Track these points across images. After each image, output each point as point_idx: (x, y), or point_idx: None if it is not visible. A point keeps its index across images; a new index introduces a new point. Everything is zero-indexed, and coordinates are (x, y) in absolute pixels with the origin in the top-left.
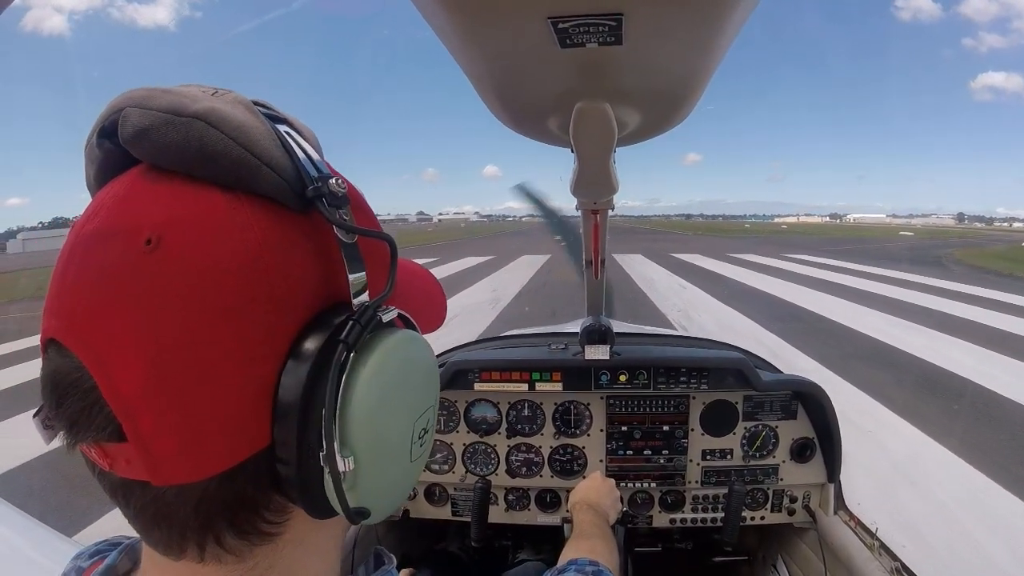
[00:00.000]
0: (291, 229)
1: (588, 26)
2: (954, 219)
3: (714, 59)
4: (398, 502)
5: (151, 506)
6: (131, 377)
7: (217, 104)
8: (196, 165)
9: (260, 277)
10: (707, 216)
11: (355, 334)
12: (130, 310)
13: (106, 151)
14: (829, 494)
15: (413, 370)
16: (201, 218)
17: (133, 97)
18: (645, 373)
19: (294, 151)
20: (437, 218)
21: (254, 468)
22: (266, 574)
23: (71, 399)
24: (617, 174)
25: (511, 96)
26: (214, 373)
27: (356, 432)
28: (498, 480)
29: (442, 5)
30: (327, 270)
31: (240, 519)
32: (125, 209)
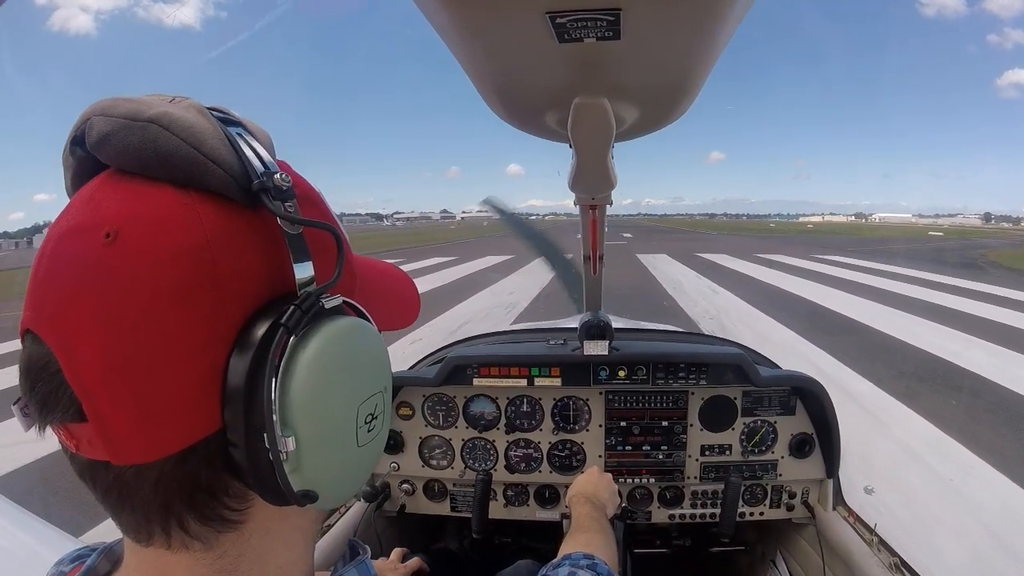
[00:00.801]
0: (239, 223)
1: (586, 21)
2: (981, 219)
3: (712, 54)
4: (350, 488)
5: (114, 487)
6: (90, 360)
7: (170, 109)
8: (152, 165)
9: (209, 268)
10: (730, 215)
11: (295, 319)
12: (90, 298)
13: (78, 158)
14: (828, 490)
15: (356, 355)
16: (156, 213)
17: (98, 107)
18: (644, 369)
19: (241, 149)
20: (461, 216)
21: (206, 450)
22: (235, 563)
23: (41, 383)
24: (615, 169)
25: (509, 91)
26: (166, 357)
27: (297, 414)
28: (497, 476)
29: (440, 0)
30: (274, 262)
31: (198, 502)
32: (89, 208)
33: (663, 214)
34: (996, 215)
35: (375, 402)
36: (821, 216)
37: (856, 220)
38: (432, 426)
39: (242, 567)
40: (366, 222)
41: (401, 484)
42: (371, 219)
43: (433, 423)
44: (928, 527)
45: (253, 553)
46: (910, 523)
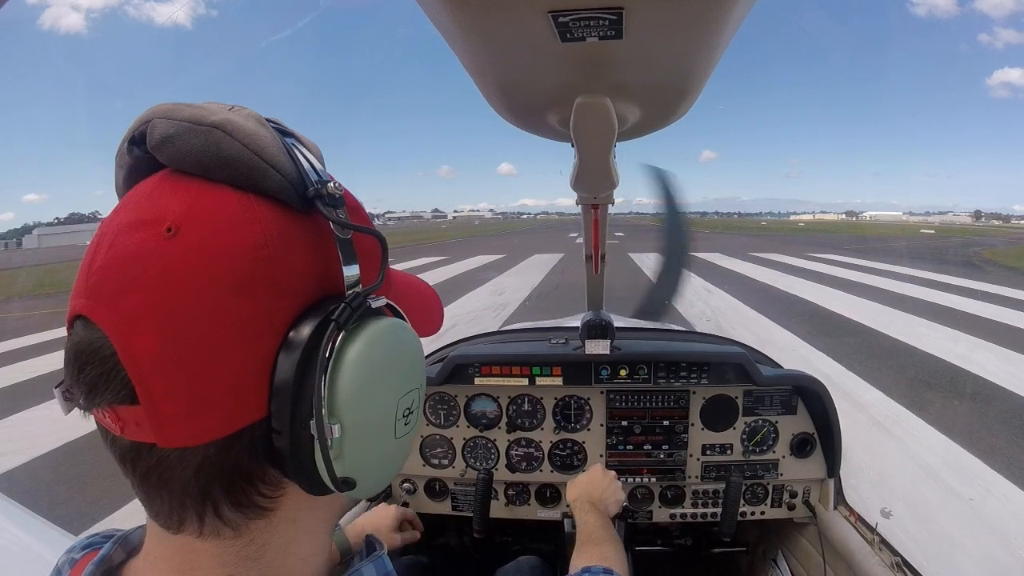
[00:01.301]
0: (294, 225)
1: (588, 20)
2: (971, 217)
3: (714, 54)
4: (385, 478)
5: (155, 470)
6: (147, 345)
7: (232, 116)
8: (213, 168)
9: (264, 264)
10: (722, 214)
11: (346, 315)
12: (150, 287)
13: (135, 157)
14: (829, 489)
15: (398, 352)
16: (216, 212)
17: (160, 110)
18: (645, 368)
19: (298, 158)
20: (452, 215)
21: (250, 438)
22: (261, 551)
23: (91, 366)
24: (617, 169)
25: (511, 90)
26: (220, 347)
27: (343, 403)
28: (498, 475)
29: (444, 1)
30: (325, 263)
31: (236, 489)
32: (150, 204)
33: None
34: (986, 213)
35: (412, 397)
36: (812, 214)
37: (847, 218)
38: (433, 425)
39: (267, 555)
40: None
41: (402, 483)
42: None
43: (434, 422)
44: (952, 554)
45: (278, 542)
46: (933, 548)
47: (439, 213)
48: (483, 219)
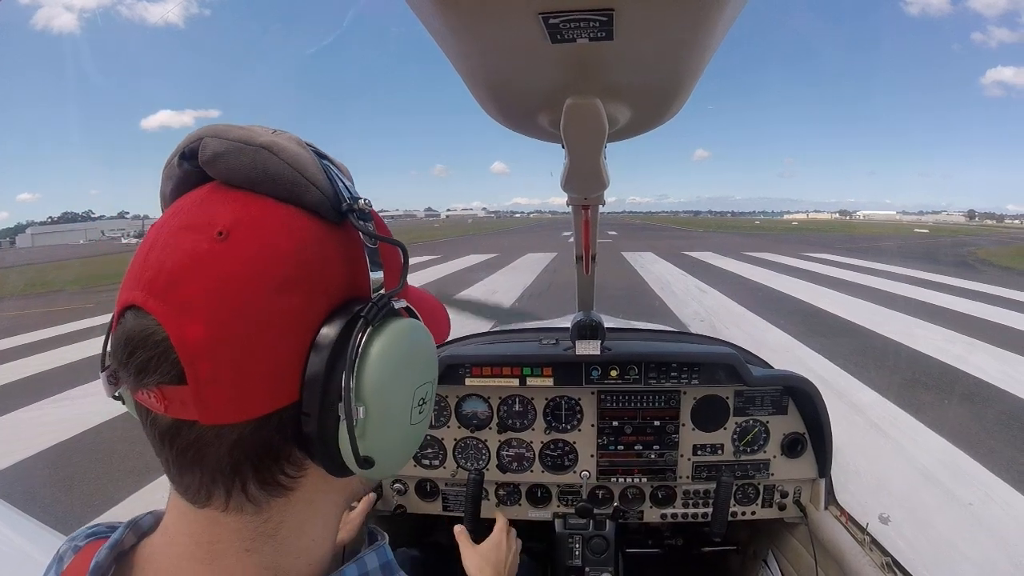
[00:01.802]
0: (329, 235)
1: (579, 21)
2: (965, 216)
3: (705, 54)
4: (399, 461)
5: (193, 446)
6: (197, 331)
7: (277, 139)
8: (260, 182)
9: (304, 267)
10: (715, 213)
11: (373, 313)
12: (202, 280)
13: (184, 171)
14: (820, 489)
15: (415, 348)
16: (262, 220)
17: (211, 130)
18: (636, 368)
19: (334, 178)
20: (445, 214)
21: (281, 419)
22: (277, 528)
23: (142, 350)
24: (608, 169)
25: (501, 91)
26: (262, 336)
27: (368, 389)
28: (489, 475)
29: (434, 2)
30: (354, 268)
31: (264, 467)
32: (202, 211)
33: (648, 211)
34: (980, 212)
35: (426, 389)
36: (806, 213)
37: (840, 217)
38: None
39: (281, 533)
40: None
41: (393, 483)
42: None
43: None
44: (952, 559)
45: (294, 520)
46: (932, 554)
47: (432, 212)
48: (476, 218)
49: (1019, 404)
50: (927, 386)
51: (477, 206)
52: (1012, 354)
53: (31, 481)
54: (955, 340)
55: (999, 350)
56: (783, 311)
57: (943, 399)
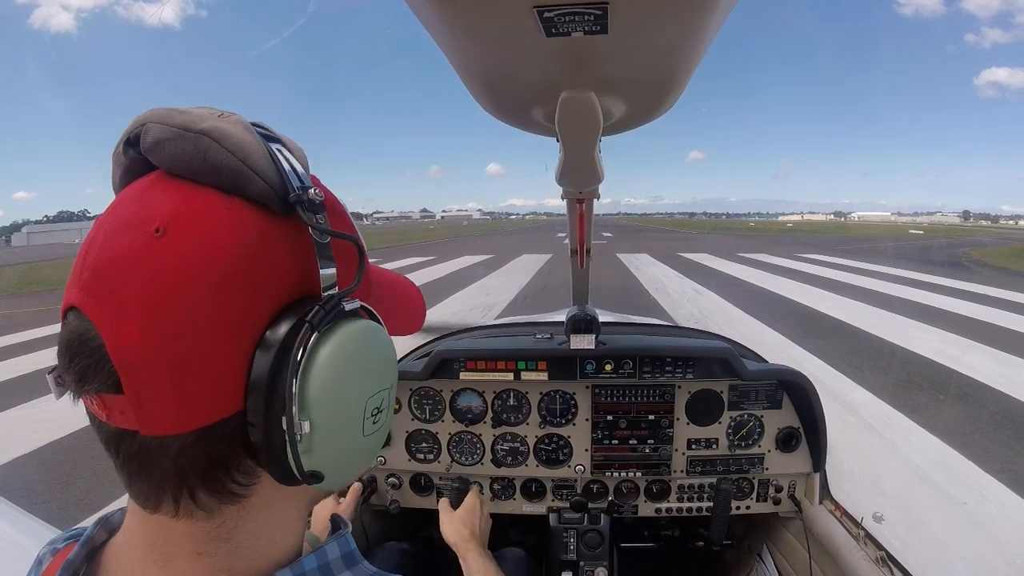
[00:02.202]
0: (275, 229)
1: (574, 15)
2: (959, 217)
3: (699, 48)
4: (352, 472)
5: (137, 456)
6: (133, 337)
7: (221, 124)
8: (201, 172)
9: (246, 266)
10: (710, 214)
11: (319, 317)
12: (139, 282)
13: (130, 158)
14: (814, 483)
15: (368, 354)
16: (202, 214)
17: (154, 114)
18: (631, 362)
19: (281, 164)
20: (440, 215)
21: (227, 429)
22: (232, 532)
23: (81, 356)
24: (602, 163)
25: (496, 85)
26: (201, 342)
27: (313, 401)
28: (483, 470)
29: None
30: (303, 265)
31: (212, 477)
32: (141, 205)
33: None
34: (974, 213)
35: (381, 397)
36: (800, 215)
37: (835, 218)
38: (419, 420)
39: (237, 536)
40: None
41: (388, 478)
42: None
43: (420, 417)
44: (947, 559)
45: (250, 525)
46: (927, 553)
47: (427, 213)
48: (471, 219)
49: (1013, 404)
50: (921, 386)
51: (473, 207)
52: (1006, 354)
53: (28, 478)
54: (949, 341)
55: (993, 350)
56: (778, 312)
57: (937, 399)
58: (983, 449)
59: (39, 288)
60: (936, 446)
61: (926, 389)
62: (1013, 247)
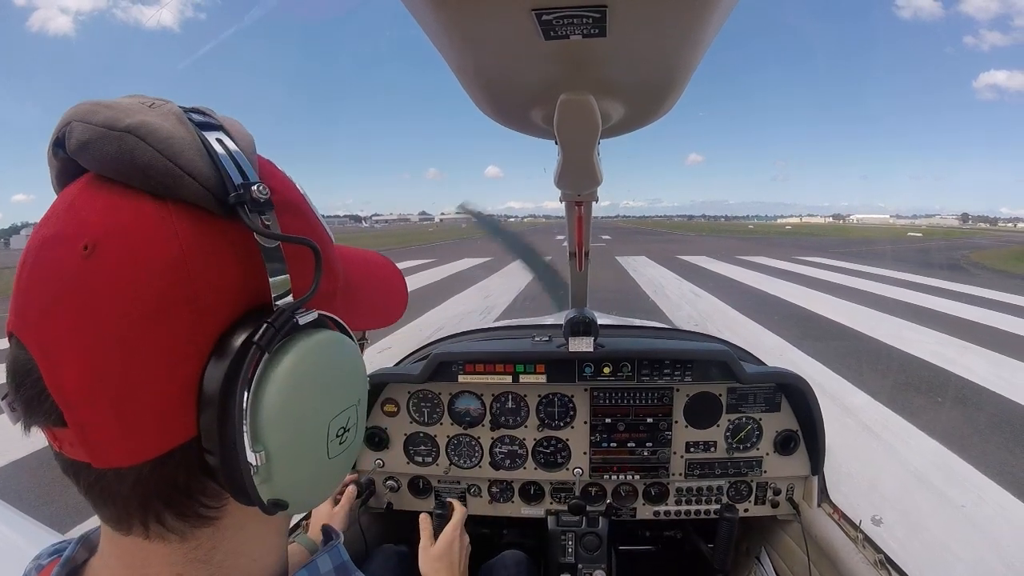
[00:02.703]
0: (216, 235)
1: (572, 18)
2: (958, 219)
3: (698, 51)
4: (319, 496)
5: (96, 485)
6: (70, 371)
7: (148, 118)
8: (130, 175)
9: (184, 282)
10: (709, 217)
11: (267, 337)
12: (70, 311)
13: (61, 159)
14: (813, 486)
15: (329, 371)
16: (132, 227)
17: (78, 112)
18: (629, 365)
19: (219, 160)
20: (439, 218)
21: (184, 456)
22: (209, 554)
23: (25, 387)
24: (601, 166)
25: (495, 88)
26: (144, 369)
27: (268, 428)
28: (482, 472)
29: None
30: (251, 273)
31: (176, 502)
32: (69, 218)
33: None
34: (973, 216)
35: (347, 416)
36: (799, 217)
37: (834, 221)
38: (417, 423)
39: (216, 558)
40: (344, 224)
41: (386, 481)
42: (349, 221)
43: (418, 420)
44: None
45: (227, 546)
46: (925, 556)
47: (426, 216)
48: (470, 222)
49: (1011, 407)
50: (919, 389)
51: None
52: (1005, 357)
53: (26, 480)
54: (947, 343)
55: (991, 353)
56: (776, 315)
57: (935, 402)
58: (981, 452)
59: None
60: (934, 449)
61: (924, 392)
62: (1012, 249)
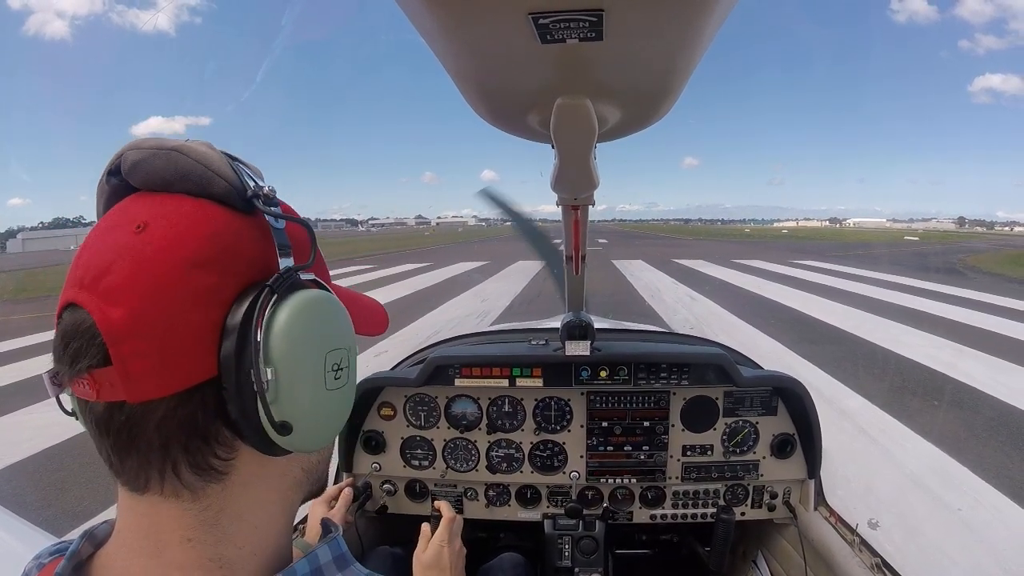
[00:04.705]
0: (239, 222)
1: (569, 21)
2: (955, 223)
3: (695, 55)
4: (323, 428)
5: (125, 428)
6: (119, 313)
7: (187, 143)
8: (173, 181)
9: (216, 248)
10: (705, 220)
11: (278, 282)
12: (124, 267)
13: (112, 186)
14: (809, 490)
15: (323, 315)
16: (177, 211)
17: (130, 144)
18: (626, 369)
19: (240, 170)
20: (436, 221)
21: (202, 395)
22: (217, 517)
23: (74, 341)
24: (597, 170)
25: (491, 92)
26: (179, 312)
27: (275, 351)
28: (478, 476)
29: (423, 1)
30: (265, 251)
31: (193, 448)
32: (125, 213)
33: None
34: (969, 219)
35: (340, 355)
36: (796, 221)
37: (831, 225)
38: (414, 426)
39: (222, 521)
40: (341, 227)
41: (383, 484)
42: (346, 224)
43: (415, 423)
44: (942, 566)
45: (233, 508)
46: (921, 559)
47: (423, 219)
48: (467, 226)
49: (1007, 410)
50: (915, 392)
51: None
52: (1001, 360)
53: (22, 484)
54: (943, 346)
55: (988, 356)
56: (772, 318)
57: (931, 405)
58: (977, 455)
59: (35, 294)
60: (930, 452)
61: (920, 395)
62: (1008, 253)
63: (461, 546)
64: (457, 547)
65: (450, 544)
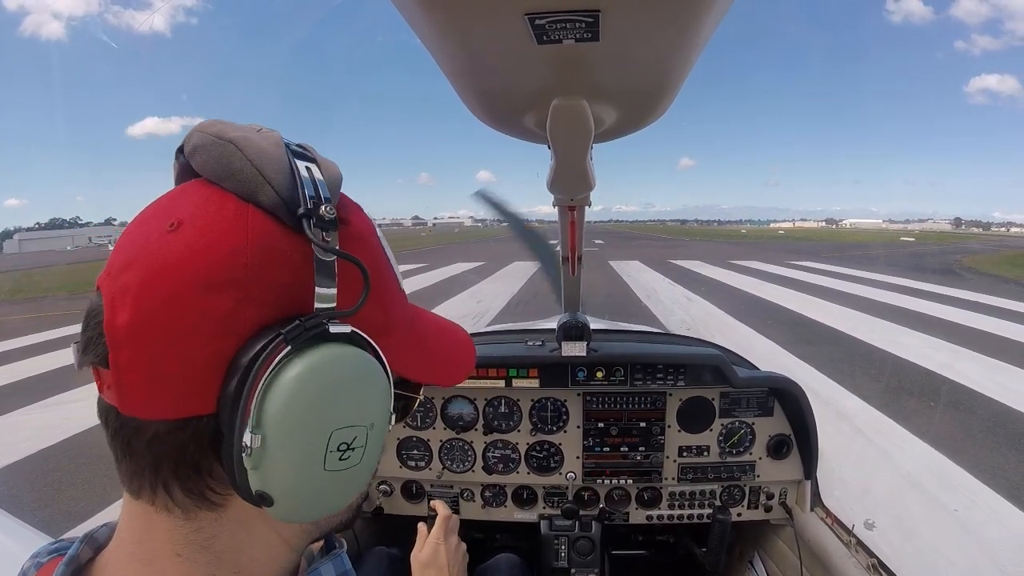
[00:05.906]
0: (280, 241)
1: (565, 22)
2: (951, 224)
3: (691, 55)
4: (309, 508)
5: (119, 433)
6: (124, 318)
7: (250, 135)
8: (223, 177)
9: (242, 271)
10: (702, 221)
11: (295, 332)
12: (143, 266)
13: (180, 163)
14: (806, 491)
15: (344, 383)
16: (214, 216)
17: (201, 125)
18: (622, 370)
19: (300, 178)
20: (432, 222)
21: (197, 428)
22: (210, 542)
23: (89, 328)
24: (594, 170)
25: (488, 92)
26: (185, 333)
27: (269, 416)
28: (475, 477)
29: (419, 2)
30: (303, 282)
31: (183, 474)
32: (169, 202)
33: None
34: (966, 220)
35: (354, 434)
36: (792, 222)
37: (827, 226)
38: (410, 427)
39: (216, 547)
40: None
41: (379, 485)
42: None
43: (411, 424)
44: (938, 567)
45: (228, 538)
46: (918, 560)
47: (419, 220)
48: (463, 226)
49: (1003, 410)
50: (911, 393)
51: (464, 214)
52: (997, 361)
53: (18, 485)
54: (939, 347)
55: (984, 357)
56: (769, 319)
57: (928, 406)
58: (973, 456)
59: (32, 295)
60: (927, 452)
61: (916, 395)
62: (1004, 254)
63: (460, 544)
64: (454, 544)
65: (446, 542)
